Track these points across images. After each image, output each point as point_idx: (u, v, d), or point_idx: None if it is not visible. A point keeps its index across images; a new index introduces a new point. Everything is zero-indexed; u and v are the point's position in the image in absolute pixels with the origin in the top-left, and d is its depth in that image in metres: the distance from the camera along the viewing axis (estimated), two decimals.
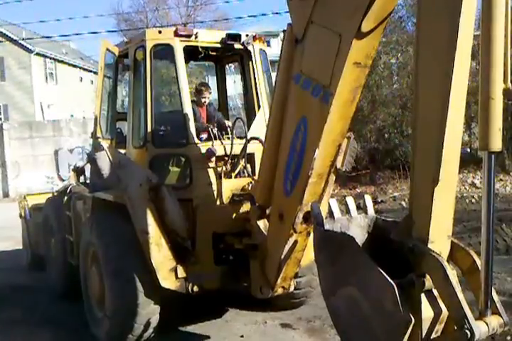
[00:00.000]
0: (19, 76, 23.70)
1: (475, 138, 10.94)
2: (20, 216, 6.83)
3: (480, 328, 1.88)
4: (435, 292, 2.03)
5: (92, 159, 3.88)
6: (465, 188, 9.45)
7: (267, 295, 3.50)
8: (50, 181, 14.68)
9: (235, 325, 4.20)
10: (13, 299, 5.19)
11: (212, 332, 4.05)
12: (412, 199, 2.16)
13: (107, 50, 4.25)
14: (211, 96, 4.47)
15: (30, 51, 23.83)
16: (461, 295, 1.90)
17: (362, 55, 2.45)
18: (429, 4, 2.00)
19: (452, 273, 1.96)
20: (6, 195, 15.28)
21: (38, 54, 24.39)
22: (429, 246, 2.03)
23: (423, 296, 2.02)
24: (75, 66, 29.03)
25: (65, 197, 5.01)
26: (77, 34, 20.11)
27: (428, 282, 2.01)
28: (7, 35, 23.16)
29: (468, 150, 10.89)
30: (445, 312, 2.01)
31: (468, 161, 9.95)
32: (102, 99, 4.51)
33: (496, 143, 1.84)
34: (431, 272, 1.99)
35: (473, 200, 8.55)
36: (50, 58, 25.91)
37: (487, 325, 1.91)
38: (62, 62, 27.25)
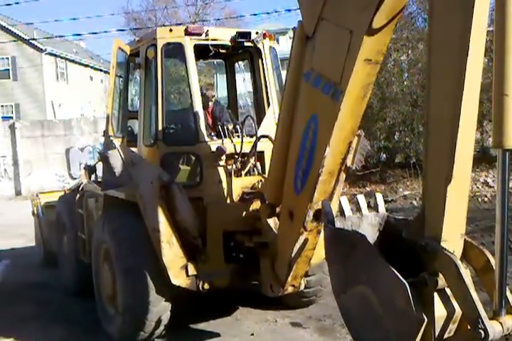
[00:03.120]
0: (31, 75, 23.97)
1: (487, 136, 10.79)
2: (33, 214, 6.91)
3: (494, 328, 1.85)
4: (448, 291, 2.00)
5: (104, 157, 3.91)
6: (477, 187, 9.32)
7: (277, 294, 3.50)
8: (61, 179, 14.87)
9: (246, 323, 4.20)
10: (26, 296, 5.25)
11: (222, 330, 4.06)
12: (425, 197, 2.14)
13: (119, 48, 4.27)
14: (214, 97, 4.46)
15: (41, 51, 24.08)
16: (474, 295, 1.87)
17: (373, 52, 2.43)
18: None
19: (466, 272, 1.93)
20: (18, 193, 15.48)
21: (49, 53, 24.63)
22: (442, 244, 2.00)
23: (436, 295, 2.00)
24: (85, 65, 29.27)
25: (77, 195, 5.05)
26: (87, 33, 20.26)
27: (441, 281, 1.98)
28: (19, 35, 23.43)
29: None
30: (458, 311, 1.99)
31: (481, 159, 9.82)
32: (113, 98, 4.54)
33: (511, 141, 1.81)
34: (444, 271, 1.97)
35: (486, 199, 8.43)
36: (61, 58, 26.15)
37: (501, 325, 1.89)
38: (72, 61, 27.50)
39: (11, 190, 15.54)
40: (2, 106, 24.08)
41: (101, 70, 30.32)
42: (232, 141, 3.91)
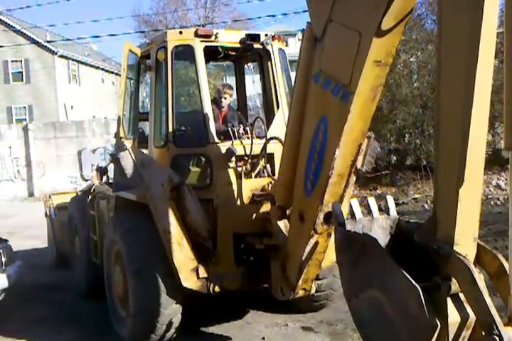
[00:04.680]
0: (43, 78, 24.28)
1: (499, 138, 10.64)
2: (46, 215, 6.99)
3: (509, 334, 1.82)
4: (462, 296, 1.97)
5: (115, 159, 3.94)
6: (489, 190, 9.18)
7: (288, 297, 3.48)
8: (74, 181, 15.03)
9: (256, 327, 4.19)
10: (38, 297, 5.30)
11: (233, 334, 4.05)
12: (437, 200, 2.12)
13: (130, 51, 4.30)
14: (231, 97, 4.47)
15: (54, 53, 24.39)
16: (488, 300, 1.84)
17: (382, 53, 2.41)
18: (450, 0, 1.96)
19: (479, 277, 1.90)
20: (31, 194, 15.68)
21: (61, 56, 24.95)
22: (455, 248, 1.98)
23: (449, 300, 1.97)
24: (96, 67, 29.58)
25: (89, 197, 5.09)
26: (99, 36, 20.49)
27: (454, 285, 1.96)
28: (32, 38, 23.76)
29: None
30: (472, 317, 1.96)
31: (493, 162, 9.69)
32: (124, 100, 4.57)
33: None
34: (457, 275, 1.94)
35: (499, 202, 8.31)
36: (73, 60, 26.46)
37: None
38: (84, 63, 27.81)
39: (24, 191, 15.75)
40: (15, 108, 24.43)
41: (112, 72, 30.60)
42: (242, 143, 3.91)
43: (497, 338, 1.78)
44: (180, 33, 4.01)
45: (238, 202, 3.83)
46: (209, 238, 3.66)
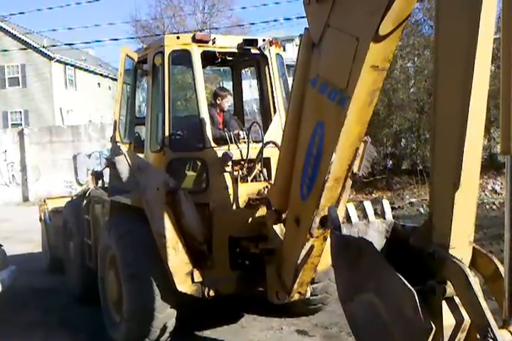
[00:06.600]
0: (40, 82, 24.26)
1: (495, 143, 10.71)
2: (40, 219, 6.95)
3: (504, 338, 1.83)
4: (457, 299, 1.98)
5: (111, 163, 3.94)
6: (485, 194, 9.23)
7: (283, 301, 3.48)
8: (69, 185, 14.97)
9: (251, 331, 4.17)
10: (32, 301, 5.26)
11: (228, 338, 4.03)
12: (432, 204, 2.13)
13: (127, 56, 4.32)
14: (228, 99, 4.49)
15: (50, 58, 24.40)
16: (484, 303, 1.85)
17: (379, 58, 2.43)
18: (448, 6, 1.98)
19: (474, 280, 1.91)
20: (26, 198, 15.58)
21: (58, 61, 24.95)
22: (450, 251, 1.99)
23: (444, 303, 1.97)
24: (93, 72, 29.60)
25: (84, 201, 5.08)
26: (96, 41, 20.52)
27: (449, 289, 1.96)
28: (29, 43, 23.77)
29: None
30: (467, 320, 1.96)
31: (489, 166, 9.75)
32: (121, 104, 4.58)
33: None
34: (452, 278, 1.95)
35: (494, 207, 8.35)
36: (70, 65, 26.47)
37: (511, 334, 1.86)
38: (81, 68, 27.82)
39: (18, 196, 15.65)
40: (11, 112, 24.37)
41: (109, 77, 30.61)
42: (238, 147, 3.92)
43: None
44: (178, 38, 4.02)
45: (234, 206, 3.83)
46: (204, 242, 3.65)
